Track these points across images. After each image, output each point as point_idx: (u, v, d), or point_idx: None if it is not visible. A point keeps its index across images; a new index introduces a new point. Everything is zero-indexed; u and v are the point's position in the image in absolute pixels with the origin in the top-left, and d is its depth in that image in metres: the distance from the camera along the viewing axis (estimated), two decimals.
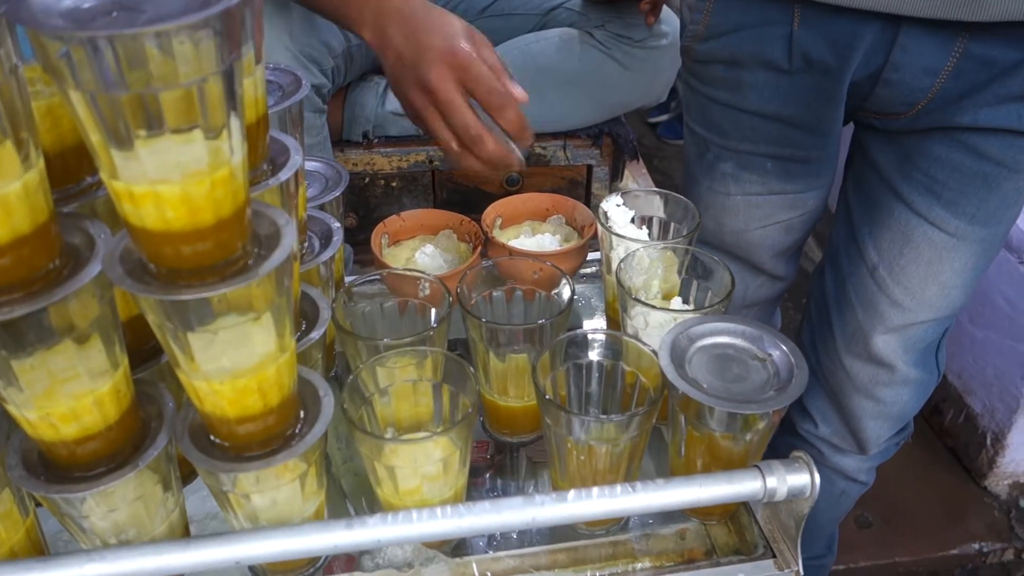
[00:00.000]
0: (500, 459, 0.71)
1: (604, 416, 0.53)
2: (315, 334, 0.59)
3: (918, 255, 0.78)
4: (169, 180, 0.37)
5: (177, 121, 0.35)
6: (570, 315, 0.63)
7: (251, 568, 0.59)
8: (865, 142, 0.82)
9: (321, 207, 0.73)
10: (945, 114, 0.71)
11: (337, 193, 0.75)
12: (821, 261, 0.92)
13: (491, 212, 0.84)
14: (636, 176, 1.47)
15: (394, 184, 1.32)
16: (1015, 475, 1.69)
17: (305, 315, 0.61)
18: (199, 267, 0.41)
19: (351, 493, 0.71)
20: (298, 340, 0.58)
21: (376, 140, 1.27)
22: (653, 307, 0.62)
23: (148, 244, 0.40)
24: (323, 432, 0.51)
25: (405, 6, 0.79)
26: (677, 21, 1.29)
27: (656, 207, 0.75)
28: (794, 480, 0.54)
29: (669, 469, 0.63)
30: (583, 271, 0.91)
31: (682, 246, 0.68)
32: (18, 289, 0.41)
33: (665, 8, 1.27)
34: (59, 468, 0.49)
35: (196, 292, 0.40)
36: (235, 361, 0.45)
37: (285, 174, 0.51)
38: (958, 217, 0.74)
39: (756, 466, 0.55)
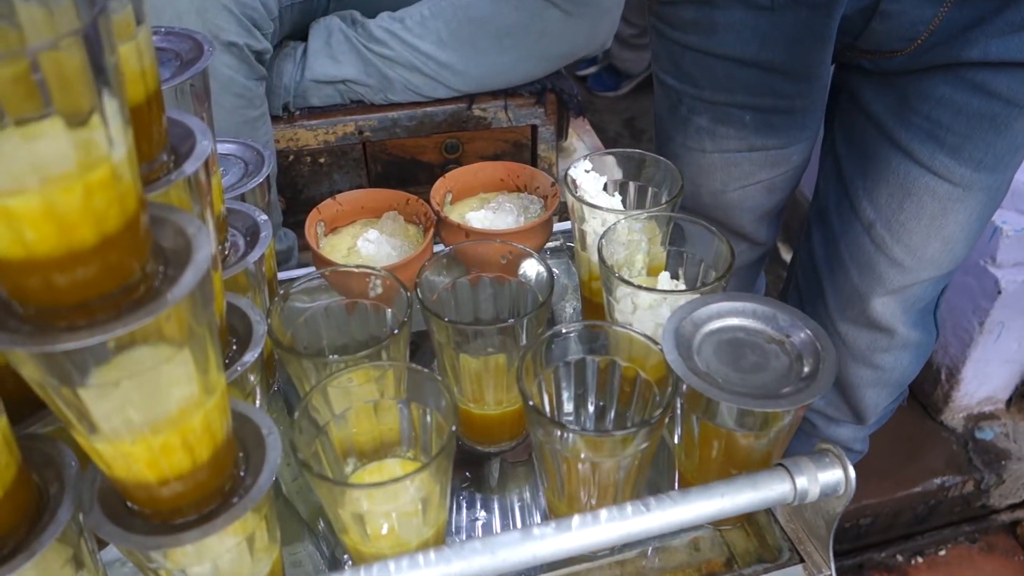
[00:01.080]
0: (476, 471, 0.62)
1: (609, 431, 0.44)
2: (249, 356, 0.48)
3: (920, 209, 0.71)
4: (23, 190, 0.27)
5: (19, 107, 0.25)
6: (550, 306, 0.54)
7: None
8: (854, 86, 0.74)
9: (242, 197, 0.62)
10: (949, 49, 0.63)
11: (260, 179, 0.64)
12: (806, 221, 0.85)
13: (440, 187, 0.73)
14: (581, 134, 1.38)
15: (322, 160, 1.20)
16: (969, 407, 1.70)
17: (234, 332, 0.50)
18: (83, 301, 0.31)
19: (310, 518, 0.61)
20: (227, 367, 0.48)
21: (298, 112, 1.15)
22: (643, 288, 0.53)
23: (6, 277, 0.30)
24: (271, 482, 0.41)
25: None
26: None
27: (631, 170, 0.67)
28: (827, 478, 0.47)
29: (676, 474, 0.55)
30: (548, 245, 0.82)
31: (666, 214, 0.60)
32: None
33: None
34: None
35: (79, 338, 0.29)
36: (147, 414, 0.35)
37: (192, 165, 0.40)
38: (964, 164, 0.67)
39: (782, 465, 0.48)
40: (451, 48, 1.13)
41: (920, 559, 1.56)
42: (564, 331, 0.51)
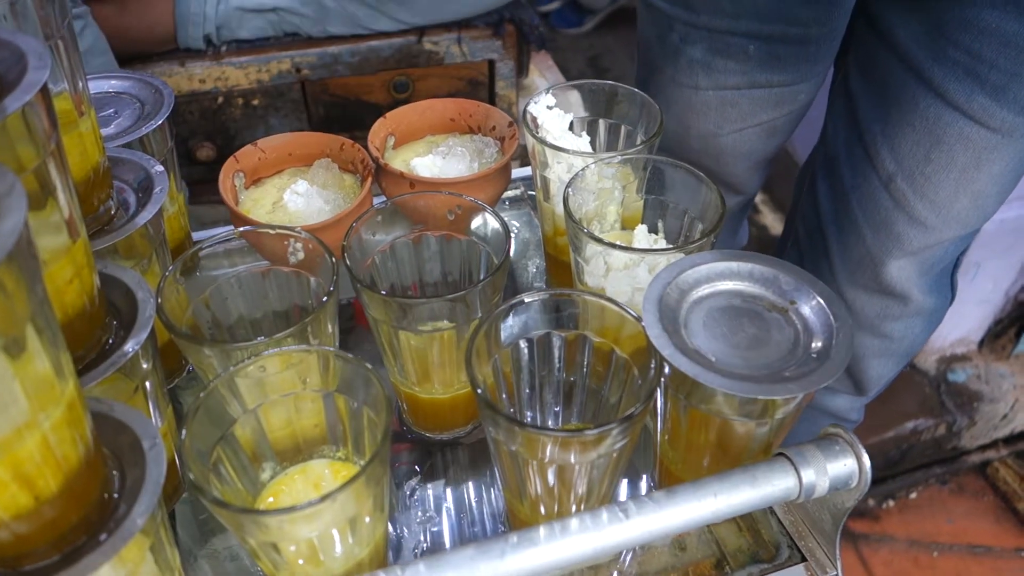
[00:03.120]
0: (427, 463, 0.54)
1: (580, 432, 0.36)
2: (131, 345, 0.39)
3: (950, 160, 0.60)
4: None
5: None
6: (507, 270, 0.45)
7: None
8: (876, 12, 0.63)
9: (136, 145, 0.51)
10: None
11: (159, 121, 0.53)
12: (810, 171, 0.74)
13: (379, 130, 0.63)
14: (543, 70, 1.28)
15: (256, 102, 1.08)
16: (941, 350, 1.67)
17: (116, 313, 0.41)
18: None
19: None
20: (102, 358, 0.38)
21: (224, 48, 1.02)
22: (617, 247, 0.45)
23: None
24: (152, 508, 0.32)
25: None
26: None
27: (600, 106, 0.57)
28: (837, 469, 0.40)
29: (656, 466, 0.47)
30: (506, 195, 0.72)
31: (643, 156, 0.51)
32: None
33: None
34: None
35: None
36: None
37: (15, 101, 0.29)
38: (1006, 107, 0.57)
39: (784, 456, 0.40)
40: None
41: (891, 502, 1.54)
42: (525, 300, 0.42)
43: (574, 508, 0.41)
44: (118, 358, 0.38)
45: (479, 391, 0.37)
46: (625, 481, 0.52)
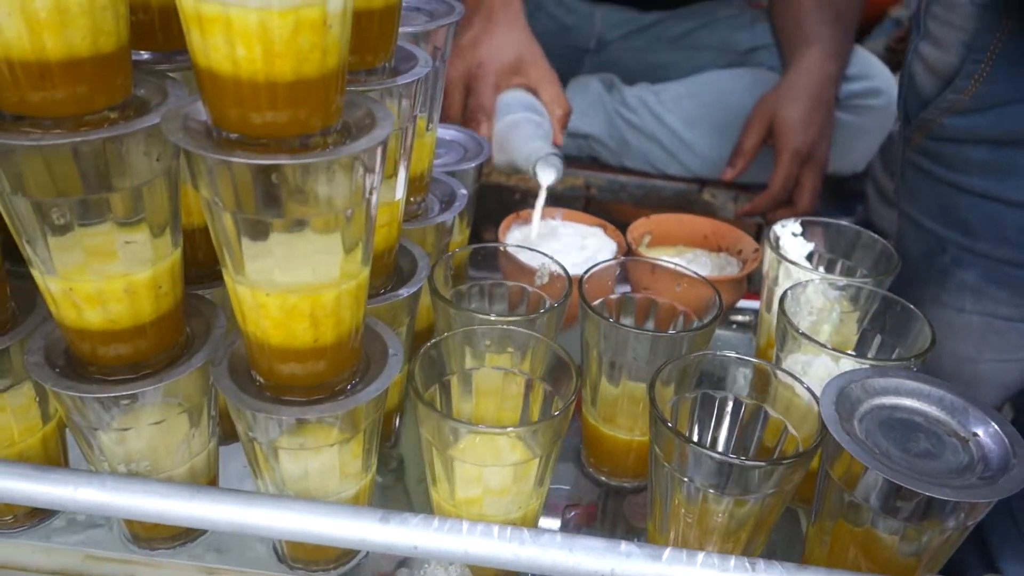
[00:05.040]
0: (591, 504, 0.58)
1: (735, 457, 0.40)
2: (404, 291, 0.50)
3: None
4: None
5: None
6: (711, 337, 0.51)
7: (275, 549, 0.50)
8: None
9: (452, 174, 0.65)
10: None
11: (475, 163, 0.67)
12: None
13: (640, 226, 0.73)
14: None
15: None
16: None
17: (400, 271, 0.52)
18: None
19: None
20: (383, 294, 0.49)
21: None
22: (820, 345, 0.48)
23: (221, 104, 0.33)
24: (379, 393, 0.41)
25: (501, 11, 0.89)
26: (891, 78, 1.15)
27: (843, 245, 0.62)
28: None
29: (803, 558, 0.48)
30: (734, 318, 0.78)
31: (869, 287, 0.54)
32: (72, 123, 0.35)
33: (875, 60, 1.13)
34: (80, 367, 0.42)
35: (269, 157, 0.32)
36: (287, 274, 0.37)
37: (405, 78, 0.42)
38: None
39: None
40: (697, 129, 1.13)
41: None
42: (713, 358, 0.47)
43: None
44: (392, 296, 0.49)
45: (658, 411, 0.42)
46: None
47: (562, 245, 0.69)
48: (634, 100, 1.16)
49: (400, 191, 0.48)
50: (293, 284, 0.37)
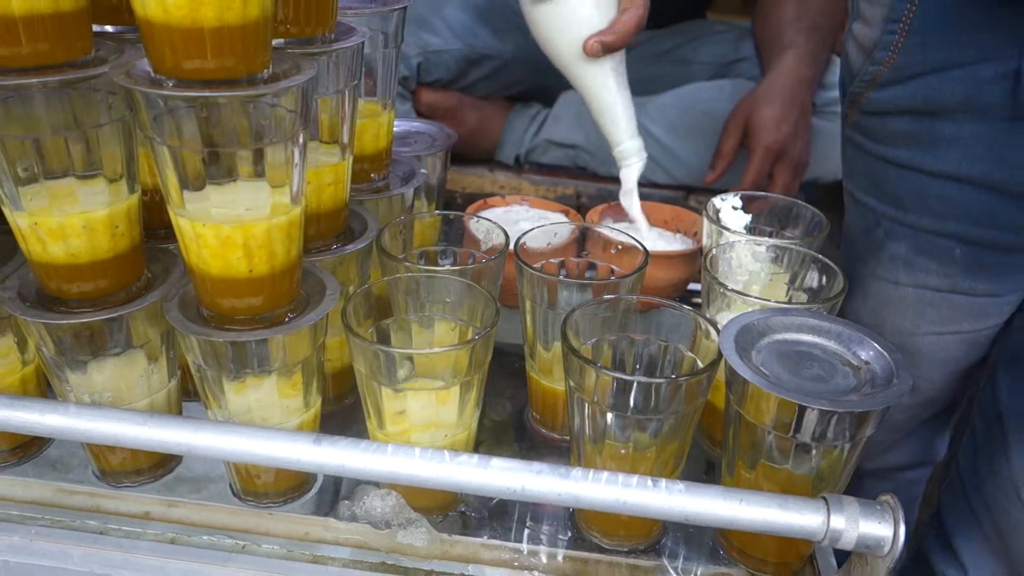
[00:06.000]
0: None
1: (633, 376, 0.43)
2: (351, 247, 0.54)
3: None
4: None
5: None
6: (638, 288, 0.54)
7: (229, 486, 0.54)
8: None
9: (418, 159, 0.70)
10: None
11: (437, 149, 0.72)
12: (991, 357, 0.70)
13: (600, 210, 0.77)
14: None
15: None
16: None
17: (351, 232, 0.57)
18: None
19: None
20: (331, 248, 0.54)
21: (527, 166, 1.25)
22: (738, 293, 0.52)
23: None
24: (311, 324, 0.46)
25: None
26: None
27: (779, 217, 0.65)
28: (869, 528, 0.41)
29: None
30: (695, 300, 0.80)
31: (795, 247, 0.57)
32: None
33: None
34: (49, 303, 0.47)
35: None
36: (222, 207, 0.41)
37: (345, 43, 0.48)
38: None
39: (822, 497, 0.42)
40: (679, 135, 1.17)
41: None
42: (622, 301, 0.51)
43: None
44: (342, 250, 0.54)
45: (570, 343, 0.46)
46: None
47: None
48: None
49: (345, 153, 0.53)
50: (226, 215, 0.42)
